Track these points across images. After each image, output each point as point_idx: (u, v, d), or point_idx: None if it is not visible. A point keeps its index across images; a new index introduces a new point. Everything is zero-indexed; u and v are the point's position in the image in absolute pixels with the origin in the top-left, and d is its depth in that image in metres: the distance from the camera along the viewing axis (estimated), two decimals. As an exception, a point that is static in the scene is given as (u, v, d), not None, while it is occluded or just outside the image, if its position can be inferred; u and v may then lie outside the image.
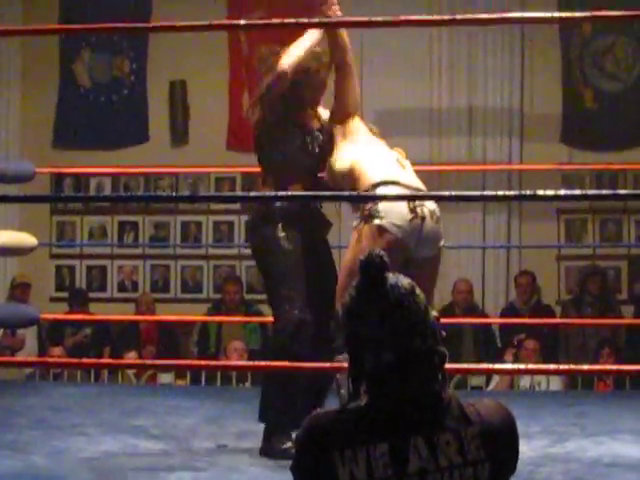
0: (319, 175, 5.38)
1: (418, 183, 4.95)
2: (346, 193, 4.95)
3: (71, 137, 11.09)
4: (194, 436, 5.37)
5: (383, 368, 2.25)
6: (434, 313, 2.43)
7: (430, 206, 4.83)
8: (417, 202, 4.79)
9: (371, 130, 5.33)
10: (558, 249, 10.29)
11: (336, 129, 5.22)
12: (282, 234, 5.04)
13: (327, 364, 4.67)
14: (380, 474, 2.18)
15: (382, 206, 4.68)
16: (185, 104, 11.04)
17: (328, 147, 5.22)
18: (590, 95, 10.64)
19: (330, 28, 4.97)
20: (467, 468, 2.20)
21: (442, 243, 4.98)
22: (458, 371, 4.36)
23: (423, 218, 4.76)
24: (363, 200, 4.82)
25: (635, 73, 10.56)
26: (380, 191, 4.75)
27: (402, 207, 4.74)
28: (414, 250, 4.78)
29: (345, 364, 2.42)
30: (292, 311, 5.00)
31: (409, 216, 4.72)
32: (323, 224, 5.37)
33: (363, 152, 5.03)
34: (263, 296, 10.52)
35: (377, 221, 4.66)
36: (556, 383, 8.00)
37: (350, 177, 4.94)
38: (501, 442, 2.26)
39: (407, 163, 5.07)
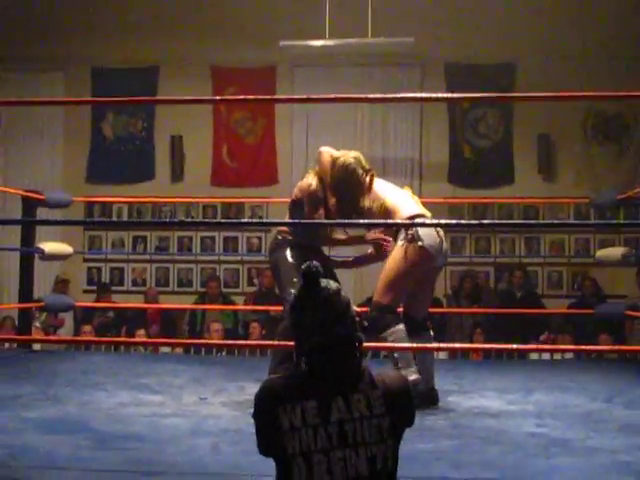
0: None
1: (429, 213, 4.95)
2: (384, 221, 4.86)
3: (99, 175, 11.04)
4: (183, 391, 5.33)
5: (315, 347, 2.26)
6: (355, 309, 2.45)
7: (442, 230, 4.88)
8: (438, 228, 4.84)
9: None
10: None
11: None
12: (290, 254, 4.93)
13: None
14: (310, 422, 2.20)
15: (422, 232, 4.72)
16: (181, 152, 11.03)
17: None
18: (468, 149, 10.74)
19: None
20: (373, 419, 2.22)
21: None
22: (376, 348, 4.38)
23: (442, 239, 4.81)
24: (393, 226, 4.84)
25: (500, 134, 10.66)
26: (417, 221, 4.75)
27: (433, 232, 4.78)
28: (437, 261, 4.83)
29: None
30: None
31: (438, 239, 4.77)
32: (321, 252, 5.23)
33: (391, 194, 4.97)
34: (236, 289, 10.68)
35: (420, 243, 4.70)
36: (442, 354, 8.02)
37: (386, 213, 4.88)
38: (398, 402, 2.27)
39: (416, 198, 5.05)
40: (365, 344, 2.36)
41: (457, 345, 6.22)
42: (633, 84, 9.45)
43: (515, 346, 4.57)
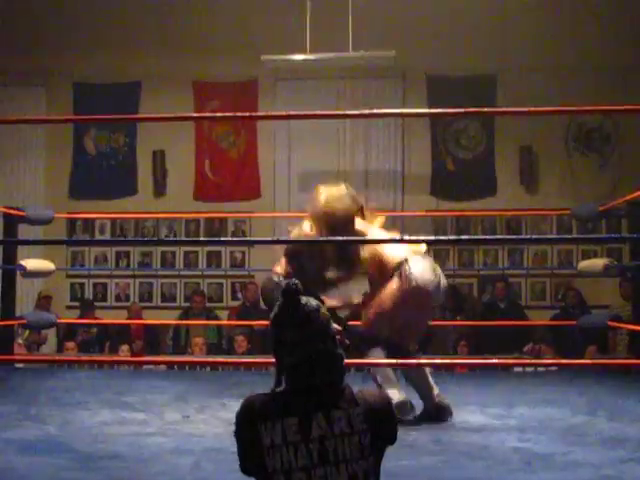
0: None
1: (420, 254, 4.91)
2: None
3: (82, 190, 11.00)
4: (166, 409, 5.31)
5: (296, 364, 2.26)
6: (336, 327, 2.45)
7: (438, 268, 4.85)
8: (435, 265, 4.82)
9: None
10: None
11: None
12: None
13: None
14: (291, 439, 2.19)
15: (415, 272, 4.67)
16: (164, 167, 11.01)
17: None
18: (451, 161, 10.75)
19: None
20: (353, 436, 2.20)
21: None
22: (361, 364, 4.41)
23: (438, 276, 4.76)
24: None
25: (481, 147, 10.69)
26: (411, 262, 4.71)
27: (428, 270, 4.74)
28: (433, 298, 4.80)
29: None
30: None
31: (433, 276, 4.74)
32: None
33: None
34: (220, 304, 10.64)
35: (414, 283, 4.65)
36: (427, 367, 7.97)
37: (373, 261, 4.84)
38: (379, 419, 2.26)
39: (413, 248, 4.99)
40: (346, 360, 2.36)
41: (437, 360, 6.21)
42: (614, 96, 9.53)
43: (495, 360, 4.58)
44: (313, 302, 2.33)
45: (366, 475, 2.20)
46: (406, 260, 4.73)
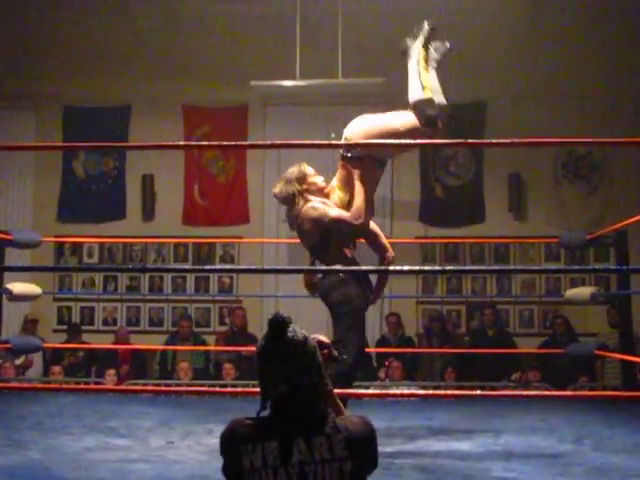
0: None
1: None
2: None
3: (70, 214, 10.98)
4: (151, 435, 5.28)
5: (281, 396, 2.27)
6: (323, 339, 2.45)
7: None
8: None
9: None
10: (417, 297, 10.36)
11: None
12: (355, 292, 4.72)
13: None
14: (271, 463, 2.20)
15: None
16: (153, 191, 10.98)
17: None
18: (440, 188, 10.75)
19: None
20: (334, 463, 2.22)
21: None
22: (349, 394, 4.41)
23: None
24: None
25: (470, 174, 10.70)
26: None
27: None
28: None
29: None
30: (355, 349, 4.59)
31: None
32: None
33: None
34: (207, 329, 10.61)
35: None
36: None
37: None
38: (360, 446, 2.26)
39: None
40: (335, 390, 2.37)
41: (421, 392, 6.23)
42: (604, 124, 9.58)
43: (479, 392, 4.57)
44: (299, 334, 2.32)
45: (346, 502, 2.20)
46: None
